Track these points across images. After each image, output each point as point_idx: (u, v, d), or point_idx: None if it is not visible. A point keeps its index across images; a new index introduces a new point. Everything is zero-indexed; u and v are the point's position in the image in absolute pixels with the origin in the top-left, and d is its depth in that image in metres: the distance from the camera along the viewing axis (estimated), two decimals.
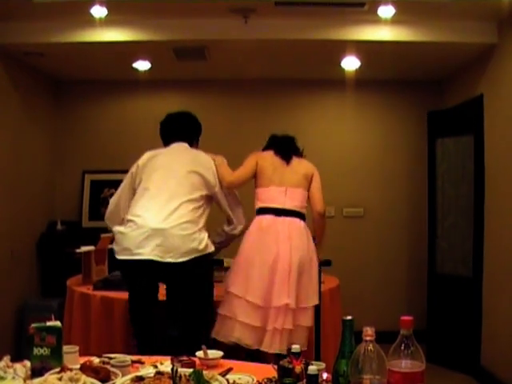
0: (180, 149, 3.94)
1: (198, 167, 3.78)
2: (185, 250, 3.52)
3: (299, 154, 4.08)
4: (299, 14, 4.86)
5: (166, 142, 4.01)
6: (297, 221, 3.88)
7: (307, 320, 3.82)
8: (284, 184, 3.91)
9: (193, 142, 4.03)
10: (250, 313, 3.71)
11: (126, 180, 3.89)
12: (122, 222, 3.74)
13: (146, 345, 3.56)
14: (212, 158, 3.91)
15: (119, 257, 3.61)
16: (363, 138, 6.73)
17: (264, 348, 3.68)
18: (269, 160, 3.98)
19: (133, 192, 3.81)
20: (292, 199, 3.90)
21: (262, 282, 3.71)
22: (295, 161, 4.00)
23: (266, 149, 4.12)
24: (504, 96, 5.01)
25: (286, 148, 4.02)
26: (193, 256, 3.53)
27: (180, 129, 4.02)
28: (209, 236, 3.69)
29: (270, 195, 3.91)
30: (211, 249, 3.67)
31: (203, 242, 3.60)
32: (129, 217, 3.64)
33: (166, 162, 3.83)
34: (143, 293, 3.66)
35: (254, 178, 3.99)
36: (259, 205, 3.94)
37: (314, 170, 4.05)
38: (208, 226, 3.76)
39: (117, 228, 3.69)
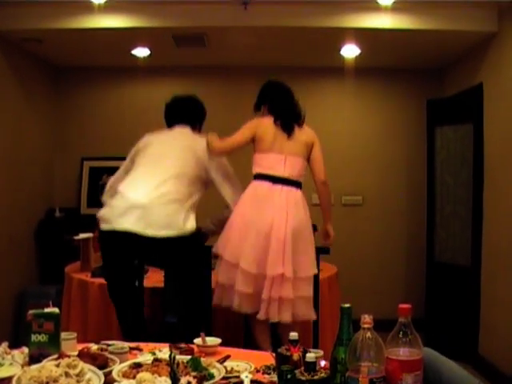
0: (180, 132, 3.92)
1: (193, 147, 3.76)
2: (166, 225, 3.45)
3: (300, 120, 3.98)
4: (299, 1, 4.84)
5: (169, 124, 4.00)
6: (293, 190, 3.82)
7: (307, 289, 3.77)
8: (284, 152, 3.84)
9: (195, 127, 4.01)
10: (245, 280, 3.66)
11: (125, 162, 3.90)
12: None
13: (128, 329, 3.56)
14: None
15: (102, 226, 3.58)
16: (362, 125, 6.72)
17: (260, 317, 3.65)
18: (269, 127, 3.88)
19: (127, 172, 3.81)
20: (290, 168, 3.83)
21: (256, 249, 3.66)
22: (296, 130, 3.91)
23: (262, 102, 4.07)
24: (504, 84, 4.99)
25: (287, 119, 3.92)
26: (176, 233, 3.46)
27: (183, 113, 4.02)
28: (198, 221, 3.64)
29: (269, 162, 3.83)
30: (195, 229, 3.57)
31: (189, 221, 3.53)
32: (117, 190, 3.64)
33: (162, 143, 3.82)
34: (122, 270, 3.61)
35: (253, 143, 3.90)
36: (257, 170, 3.87)
37: (314, 138, 3.98)
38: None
39: (106, 199, 3.74)
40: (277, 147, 3.84)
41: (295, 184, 3.84)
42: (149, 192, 3.51)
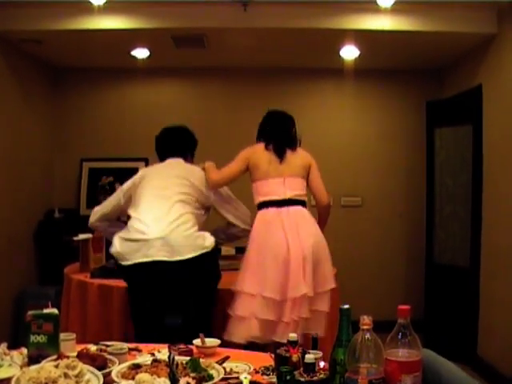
0: (173, 163, 3.98)
1: (191, 178, 3.83)
2: (189, 247, 3.53)
3: (294, 145, 3.95)
4: (298, 2, 4.84)
5: (161, 157, 4.06)
6: (300, 208, 3.80)
7: (324, 304, 3.73)
8: (281, 175, 3.82)
9: (187, 157, 4.07)
10: (267, 309, 3.61)
11: (116, 193, 3.99)
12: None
13: (145, 334, 3.55)
14: (201, 168, 3.95)
15: (122, 263, 3.59)
16: (362, 127, 6.72)
17: (276, 338, 3.57)
18: (262, 154, 3.87)
19: (120, 206, 3.93)
20: (292, 188, 3.80)
21: (277, 276, 3.62)
22: (289, 154, 3.89)
23: (262, 128, 4.05)
24: (503, 86, 5.00)
25: (278, 143, 3.90)
26: (200, 252, 3.54)
27: (174, 145, 4.07)
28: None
29: (269, 188, 3.81)
30: (214, 244, 3.66)
31: (206, 238, 3.62)
32: (130, 226, 3.68)
33: (159, 174, 3.90)
34: (152, 299, 3.61)
35: (249, 172, 3.90)
36: (259, 199, 3.84)
37: (311, 161, 3.96)
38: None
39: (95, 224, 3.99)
40: (273, 172, 3.84)
41: (300, 203, 3.83)
42: (159, 220, 3.58)
